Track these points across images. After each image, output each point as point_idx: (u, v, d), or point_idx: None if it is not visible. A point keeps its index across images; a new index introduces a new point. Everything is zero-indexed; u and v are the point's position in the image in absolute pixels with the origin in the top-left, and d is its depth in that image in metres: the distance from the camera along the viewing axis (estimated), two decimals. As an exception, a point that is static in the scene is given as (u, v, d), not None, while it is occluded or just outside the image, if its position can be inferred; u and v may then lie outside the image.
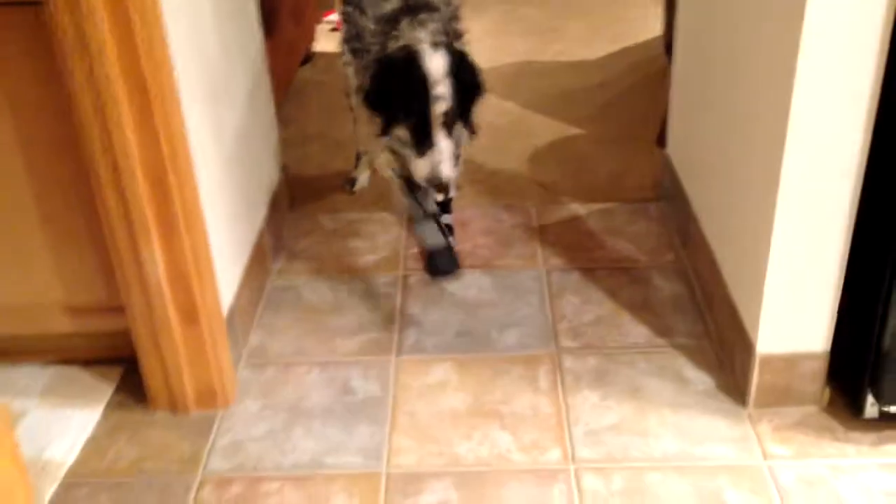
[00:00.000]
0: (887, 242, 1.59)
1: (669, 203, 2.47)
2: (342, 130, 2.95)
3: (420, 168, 1.86)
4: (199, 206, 1.73)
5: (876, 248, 1.62)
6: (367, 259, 2.37)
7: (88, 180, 1.66)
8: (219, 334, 1.85)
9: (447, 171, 1.84)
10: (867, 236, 1.63)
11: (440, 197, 2.03)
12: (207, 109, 1.84)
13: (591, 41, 3.74)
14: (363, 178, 2.68)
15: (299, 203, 2.62)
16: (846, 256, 1.67)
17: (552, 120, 3.07)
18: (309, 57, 3.60)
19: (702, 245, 2.13)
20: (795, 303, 1.71)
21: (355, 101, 2.40)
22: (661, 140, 2.64)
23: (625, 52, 3.60)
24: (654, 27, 3.50)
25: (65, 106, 1.59)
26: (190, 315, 1.77)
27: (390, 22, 1.97)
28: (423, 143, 1.84)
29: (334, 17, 3.95)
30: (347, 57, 2.33)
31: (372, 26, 2.02)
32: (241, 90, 2.14)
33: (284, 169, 2.55)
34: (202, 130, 1.78)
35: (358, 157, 2.68)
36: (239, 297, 2.02)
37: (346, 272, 2.32)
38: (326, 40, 3.82)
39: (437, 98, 1.81)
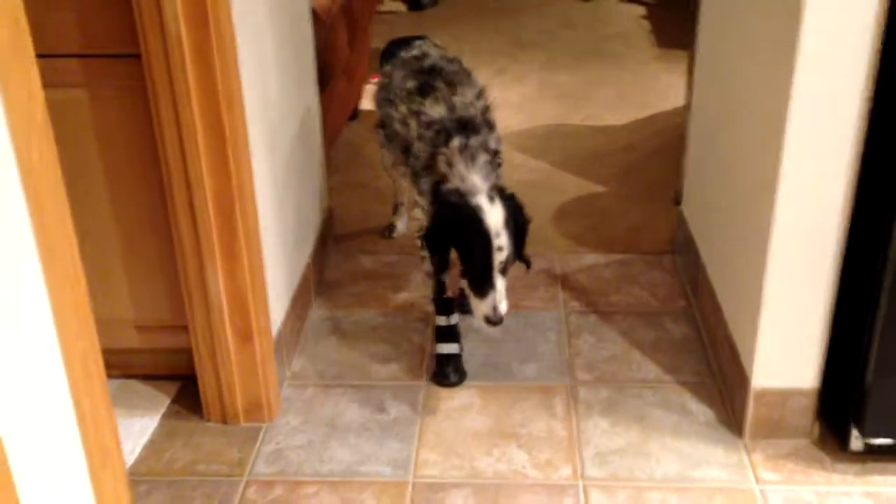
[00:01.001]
0: (869, 294, 1.78)
1: (682, 255, 2.68)
2: (383, 181, 3.20)
3: (480, 308, 1.94)
4: (259, 238, 1.97)
5: (860, 297, 1.80)
6: (401, 296, 2.59)
7: (163, 211, 1.92)
8: (268, 354, 2.07)
9: (503, 309, 1.93)
10: (853, 286, 1.82)
11: (441, 320, 2.22)
12: (265, 152, 2.09)
13: (618, 107, 3.99)
14: (401, 225, 2.92)
15: (341, 244, 2.86)
16: (834, 303, 1.85)
17: (578, 178, 3.30)
18: (356, 113, 3.89)
19: (708, 292, 2.32)
20: (788, 343, 1.90)
21: (393, 173, 2.77)
22: (677, 199, 2.85)
23: (650, 119, 3.84)
24: (678, 97, 3.74)
25: (148, 145, 1.86)
26: (245, 335, 2.00)
27: (440, 134, 2.03)
28: (483, 287, 1.92)
29: (378, 79, 4.25)
30: (383, 140, 2.57)
31: (419, 130, 2.09)
32: (295, 136, 2.40)
33: (329, 211, 2.80)
34: (260, 170, 2.03)
35: (395, 207, 2.92)
36: (285, 324, 2.25)
37: (381, 307, 2.55)
38: (370, 99, 4.11)
39: (498, 249, 1.90)
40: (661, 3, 5.66)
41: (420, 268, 2.36)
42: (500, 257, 1.90)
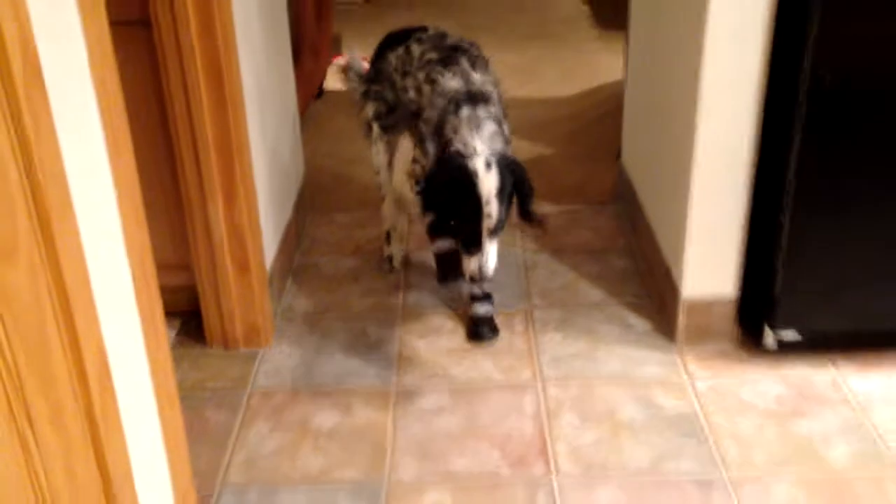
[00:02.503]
0: (775, 215, 2.12)
1: (623, 202, 3.02)
2: (350, 150, 3.50)
3: (467, 264, 2.05)
4: (253, 181, 2.25)
5: (767, 218, 2.15)
6: (375, 244, 2.88)
7: (168, 163, 2.18)
8: (263, 285, 2.35)
9: (490, 269, 2.04)
10: (761, 209, 2.17)
11: (475, 288, 2.36)
12: (257, 108, 2.37)
13: (563, 82, 4.33)
14: (398, 252, 2.75)
15: (317, 203, 3.15)
16: (747, 224, 2.20)
17: (529, 143, 3.62)
18: (321, 92, 4.17)
19: (645, 227, 2.66)
20: (710, 260, 2.24)
21: (384, 177, 2.66)
22: (618, 154, 3.19)
23: (592, 91, 4.19)
24: (617, 72, 4.08)
25: (157, 99, 2.12)
26: (243, 266, 2.28)
27: (451, 103, 2.12)
28: (472, 246, 2.03)
29: (342, 60, 4.54)
30: (377, 133, 2.58)
31: (432, 98, 2.18)
32: (277, 99, 2.68)
33: (305, 175, 3.08)
34: (253, 122, 2.31)
35: (388, 235, 2.73)
36: (276, 262, 2.53)
37: (357, 254, 2.84)
38: (334, 80, 4.39)
39: (487, 216, 1.99)
40: (600, -10, 6.03)
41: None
42: (488, 223, 1.99)
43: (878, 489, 1.84)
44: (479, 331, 2.38)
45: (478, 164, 1.98)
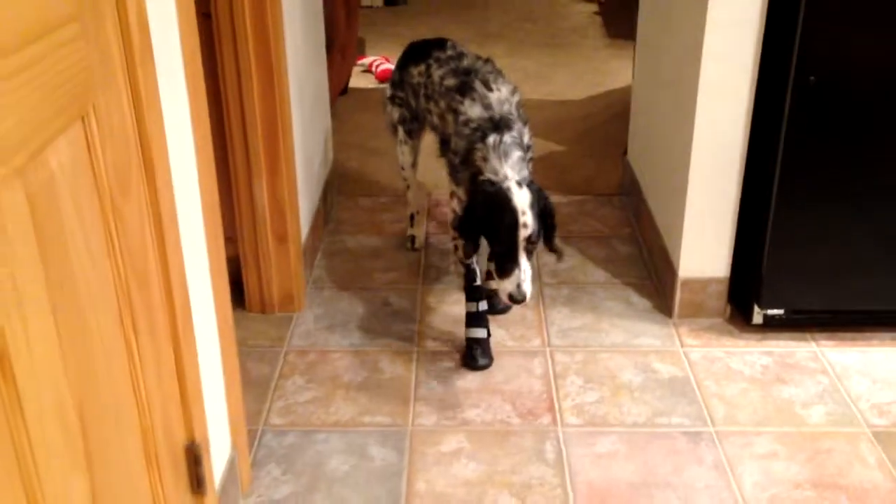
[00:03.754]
0: (763, 202, 2.36)
1: (629, 195, 3.25)
2: (374, 143, 3.74)
3: (504, 286, 2.06)
4: (294, 159, 2.49)
5: (757, 205, 2.38)
6: (397, 226, 3.12)
7: (219, 138, 2.42)
8: (298, 255, 2.58)
9: (527, 289, 2.05)
10: (751, 197, 2.40)
11: (512, 305, 2.30)
12: (297, 96, 2.61)
13: (575, 86, 4.57)
14: (420, 234, 2.98)
15: (343, 189, 3.39)
16: (738, 214, 2.43)
17: (542, 141, 3.86)
18: (346, 89, 4.41)
19: (648, 216, 2.90)
20: (705, 242, 2.47)
21: (409, 173, 2.87)
22: (625, 151, 3.42)
23: (603, 95, 4.43)
24: (626, 78, 4.33)
25: (212, 83, 2.36)
26: (281, 237, 2.52)
27: (476, 132, 2.21)
28: (508, 265, 2.05)
29: (366, 61, 4.79)
30: (402, 136, 2.76)
31: (457, 127, 2.27)
32: (313, 91, 2.92)
33: (334, 162, 3.32)
34: (294, 108, 2.55)
35: (412, 218, 2.96)
36: (308, 238, 2.77)
37: (380, 234, 3.08)
38: (358, 79, 4.65)
39: (523, 226, 2.04)
40: (610, 0, 6.29)
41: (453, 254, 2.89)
42: (524, 233, 2.03)
43: (850, 445, 2.07)
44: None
45: (511, 184, 2.08)
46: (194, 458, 1.55)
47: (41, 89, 1.03)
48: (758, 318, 2.45)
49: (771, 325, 2.46)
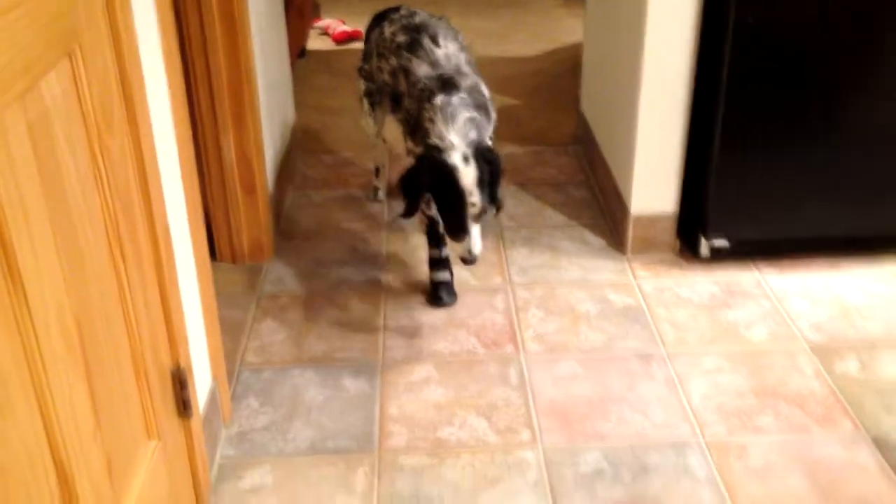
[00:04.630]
0: (707, 139, 2.50)
1: (583, 145, 3.38)
2: (334, 102, 3.83)
3: (456, 249, 2.18)
4: (259, 111, 2.57)
5: (701, 143, 2.52)
6: (361, 180, 3.22)
7: (186, 93, 2.49)
8: (266, 206, 2.68)
9: (477, 250, 2.15)
10: (696, 139, 2.54)
11: (434, 254, 2.45)
12: (259, 49, 2.69)
13: (529, 44, 4.68)
14: (383, 185, 3.07)
15: (307, 147, 3.47)
16: (685, 152, 2.57)
17: (498, 95, 3.93)
18: (304, 52, 4.47)
19: (601, 161, 3.03)
20: (654, 181, 2.61)
21: (374, 140, 2.94)
22: (579, 103, 3.55)
23: (555, 51, 4.54)
24: (579, 34, 4.44)
25: (178, 38, 2.43)
26: (249, 188, 2.61)
27: (424, 92, 2.23)
28: (459, 233, 2.14)
29: (322, 23, 4.85)
30: (367, 108, 2.80)
31: (408, 88, 2.32)
32: (274, 46, 3.00)
33: (295, 122, 3.40)
34: (256, 61, 2.63)
35: (377, 171, 3.06)
36: (275, 191, 2.86)
37: (345, 187, 3.18)
38: (315, 42, 4.71)
39: (472, 205, 2.11)
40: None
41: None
42: (473, 211, 2.11)
43: (789, 359, 2.23)
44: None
45: (456, 158, 2.09)
46: (180, 383, 1.66)
47: (33, 25, 1.12)
48: (705, 250, 2.61)
49: (717, 257, 2.62)
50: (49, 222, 1.15)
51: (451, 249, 2.29)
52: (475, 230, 2.14)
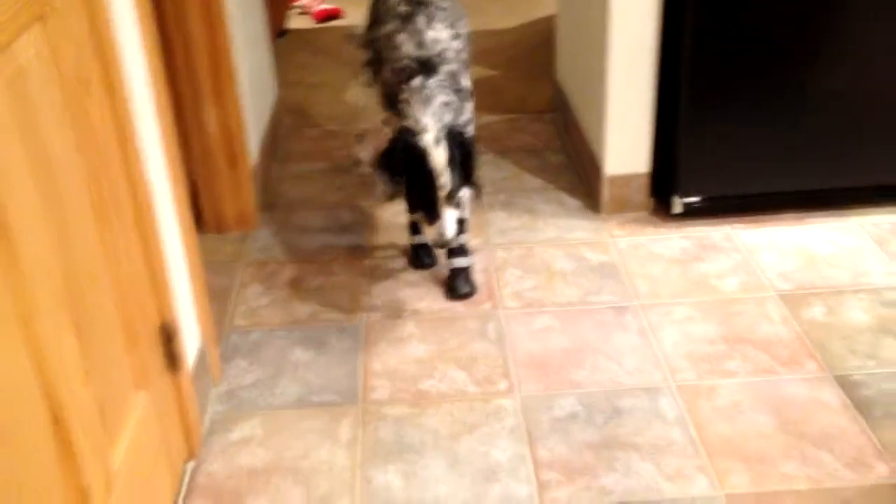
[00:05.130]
0: (675, 98, 2.57)
1: (558, 113, 3.45)
2: (314, 78, 3.88)
3: (430, 231, 2.22)
4: (238, 88, 2.63)
5: (670, 102, 2.59)
6: (344, 151, 3.28)
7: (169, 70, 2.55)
8: (249, 177, 2.74)
9: (450, 234, 2.16)
10: (665, 100, 2.61)
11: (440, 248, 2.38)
12: (239, 26, 2.74)
13: (506, 17, 4.73)
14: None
15: (289, 121, 3.53)
16: (655, 113, 2.64)
17: (476, 67, 4.01)
18: (283, 31, 4.52)
19: (576, 127, 3.10)
20: (626, 141, 2.69)
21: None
22: (554, 74, 3.61)
23: (532, 23, 4.60)
24: (552, 7, 4.49)
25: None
26: (233, 160, 2.67)
27: (404, 71, 2.25)
28: (431, 216, 2.17)
29: (302, 2, 4.89)
30: (369, 78, 2.67)
31: (393, 64, 2.32)
32: (256, 26, 3.05)
33: (277, 97, 3.46)
34: (236, 36, 2.69)
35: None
36: (259, 163, 2.92)
37: (329, 159, 3.24)
38: (295, 21, 4.76)
39: (441, 186, 2.12)
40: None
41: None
42: (443, 193, 2.12)
43: (759, 307, 2.32)
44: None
45: (427, 141, 2.11)
46: (167, 337, 1.73)
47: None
48: (677, 207, 2.68)
49: (690, 214, 2.69)
50: (33, 181, 1.21)
51: (426, 232, 2.29)
52: (447, 213, 2.14)
